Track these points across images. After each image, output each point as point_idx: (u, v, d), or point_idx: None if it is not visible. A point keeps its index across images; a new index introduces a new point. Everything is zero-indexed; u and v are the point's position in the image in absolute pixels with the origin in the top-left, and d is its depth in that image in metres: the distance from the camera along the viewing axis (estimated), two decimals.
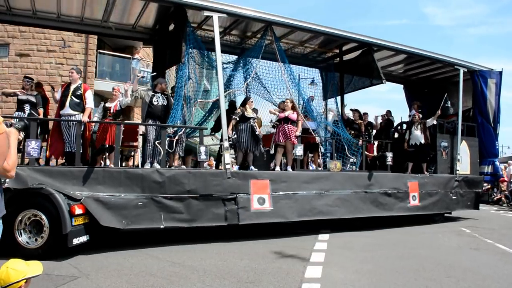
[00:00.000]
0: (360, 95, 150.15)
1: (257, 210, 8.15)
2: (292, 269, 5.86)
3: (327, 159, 10.38)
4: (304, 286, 5.03)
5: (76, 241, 6.45)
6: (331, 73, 12.77)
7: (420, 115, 11.88)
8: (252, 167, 9.19)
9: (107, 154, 8.92)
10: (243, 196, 8.10)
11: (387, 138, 12.54)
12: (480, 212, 15.61)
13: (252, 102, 9.77)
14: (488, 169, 12.69)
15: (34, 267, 2.99)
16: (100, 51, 18.53)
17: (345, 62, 12.00)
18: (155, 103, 8.56)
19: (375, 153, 12.74)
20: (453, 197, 11.51)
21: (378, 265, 6.27)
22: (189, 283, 5.13)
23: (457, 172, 11.72)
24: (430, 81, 14.05)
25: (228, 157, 8.22)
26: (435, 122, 11.75)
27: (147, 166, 8.09)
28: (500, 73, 12.55)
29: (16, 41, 17.31)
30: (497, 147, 12.88)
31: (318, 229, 9.52)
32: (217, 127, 10.63)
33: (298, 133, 9.69)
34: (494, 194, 19.94)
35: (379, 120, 13.29)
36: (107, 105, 8.85)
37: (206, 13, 8.55)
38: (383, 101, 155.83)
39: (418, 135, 11.46)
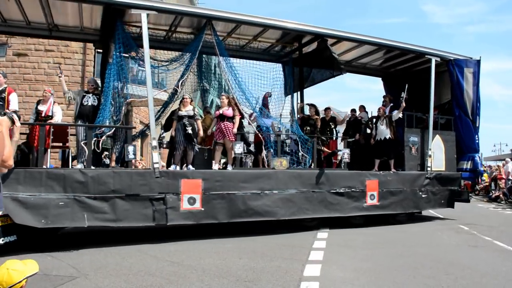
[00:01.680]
0: (363, 93, 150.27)
1: (187, 210, 7.93)
2: (291, 268, 5.86)
3: (272, 157, 9.73)
4: (303, 285, 5.03)
5: None
6: (290, 67, 12.22)
7: (386, 109, 11.26)
8: (190, 166, 8.95)
9: (106, 154, 8.89)
10: (172, 196, 7.88)
11: (356, 135, 11.98)
12: (479, 209, 15.70)
13: (187, 100, 9.23)
14: (467, 165, 11.88)
15: (31, 266, 3.03)
16: (98, 50, 18.46)
17: (305, 56, 11.46)
18: (85, 103, 8.49)
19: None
20: (423, 196, 10.87)
21: (377, 263, 6.28)
22: (188, 282, 5.13)
23: (428, 169, 11.00)
24: (411, 73, 13.07)
25: (156, 156, 7.96)
26: (400, 116, 10.95)
27: (79, 166, 7.98)
28: (478, 61, 11.81)
29: (13, 40, 17.25)
30: (477, 141, 11.92)
31: (317, 227, 9.53)
32: (166, 126, 10.39)
33: (235, 130, 9.25)
34: (492, 191, 20.01)
35: (349, 115, 12.64)
36: (39, 108, 8.59)
37: (134, 11, 8.39)
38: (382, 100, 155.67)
39: (383, 130, 10.84)
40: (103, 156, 14.27)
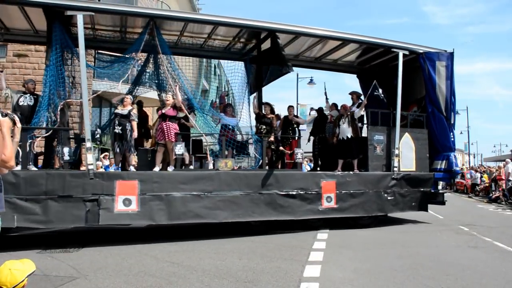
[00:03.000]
0: None
1: (121, 212, 7.74)
2: (291, 269, 5.86)
3: (216, 158, 9.43)
4: (303, 285, 5.04)
5: None
6: (249, 65, 11.69)
7: (354, 107, 10.80)
8: (131, 167, 8.90)
9: (106, 154, 8.90)
10: (107, 197, 7.71)
11: (322, 134, 11.58)
12: (479, 210, 15.71)
13: (127, 100, 9.14)
14: (441, 164, 11.06)
15: (29, 264, 3.08)
16: (99, 51, 18.46)
17: (263, 53, 11.00)
18: (21, 103, 8.41)
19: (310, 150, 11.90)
20: (389, 198, 10.14)
21: (377, 264, 6.29)
22: (188, 283, 5.14)
23: (395, 169, 10.27)
24: (387, 68, 12.09)
25: (90, 157, 7.84)
26: (362, 113, 10.53)
27: (18, 168, 7.76)
28: (451, 54, 11.04)
29: None
30: (452, 139, 11.14)
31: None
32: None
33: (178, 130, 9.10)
34: (493, 192, 20.01)
35: (313, 113, 12.12)
36: None
37: (70, 13, 8.21)
38: None
39: (345, 129, 10.39)
40: (102, 156, 14.27)
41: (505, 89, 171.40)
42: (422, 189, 10.68)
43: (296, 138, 11.05)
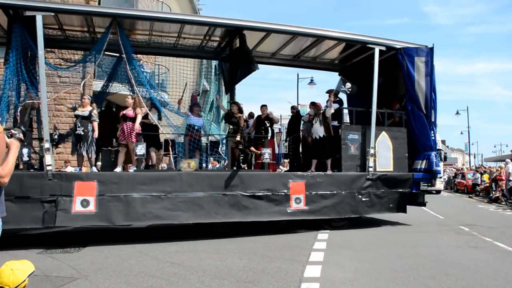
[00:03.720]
0: None
1: (78, 213, 7.61)
2: (291, 269, 5.87)
3: (179, 158, 9.25)
4: (303, 286, 5.04)
5: None
6: (225, 64, 11.52)
7: (322, 104, 10.52)
8: (94, 167, 8.81)
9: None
10: (65, 198, 7.60)
11: (297, 133, 11.31)
12: (479, 210, 15.70)
13: (85, 101, 9.07)
14: (422, 164, 10.60)
15: (29, 264, 3.10)
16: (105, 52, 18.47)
17: (234, 51, 10.72)
18: None
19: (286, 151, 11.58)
20: (364, 199, 9.75)
21: (377, 264, 6.29)
22: (188, 283, 5.14)
23: (370, 169, 9.88)
24: (369, 65, 11.35)
25: (49, 158, 7.74)
26: (332, 111, 10.18)
27: None
28: (431, 49, 10.55)
29: None
30: (432, 138, 10.66)
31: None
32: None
33: (138, 126, 8.98)
34: (493, 192, 20.00)
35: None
36: None
37: (29, 13, 8.07)
38: None
39: (317, 128, 10.15)
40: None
41: (506, 89, 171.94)
42: (400, 190, 10.28)
43: (269, 137, 10.60)
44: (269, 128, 10.67)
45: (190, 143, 9.35)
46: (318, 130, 10.15)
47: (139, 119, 9.04)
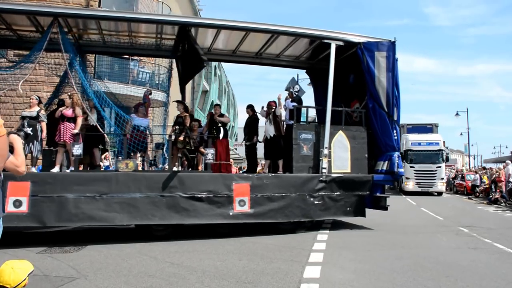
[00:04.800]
0: None
1: (10, 213, 7.33)
2: (291, 270, 5.87)
3: (117, 158, 8.96)
4: (303, 287, 5.04)
5: None
6: (179, 63, 11.31)
7: (287, 102, 10.22)
8: (33, 168, 8.72)
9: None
10: None
11: (253, 134, 10.81)
12: (479, 211, 15.71)
13: (33, 101, 8.94)
14: (383, 166, 10.00)
15: (28, 264, 3.12)
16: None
17: (186, 49, 10.47)
18: None
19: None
20: (316, 202, 9.21)
21: (377, 265, 6.29)
22: (188, 283, 5.14)
23: (324, 170, 9.36)
24: (339, 62, 10.82)
25: None
26: (283, 112, 9.91)
27: None
28: (392, 43, 10.00)
29: None
30: (395, 137, 10.03)
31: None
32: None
33: (76, 131, 8.75)
34: (492, 194, 20.02)
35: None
36: None
37: None
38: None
39: (268, 127, 9.84)
40: (103, 157, 14.26)
41: (506, 91, 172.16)
42: (358, 193, 9.72)
43: (221, 137, 10.26)
44: (221, 128, 10.29)
45: (133, 144, 9.23)
46: (269, 130, 9.91)
47: (80, 119, 8.87)
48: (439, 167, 24.38)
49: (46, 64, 17.38)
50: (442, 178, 24.89)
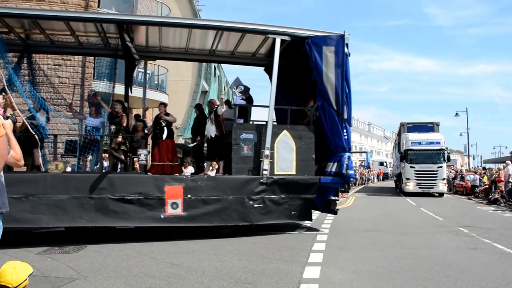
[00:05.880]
0: (358, 96, 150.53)
1: None
2: (290, 270, 5.87)
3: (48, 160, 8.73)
4: (302, 287, 5.04)
5: None
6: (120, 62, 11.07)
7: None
8: None
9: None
10: None
11: (198, 134, 10.60)
12: (478, 212, 15.71)
13: None
14: (333, 167, 9.43)
15: (27, 265, 3.13)
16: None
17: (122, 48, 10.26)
18: None
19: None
20: (256, 205, 8.71)
21: (377, 265, 6.29)
22: (187, 284, 5.14)
23: (265, 172, 8.84)
24: (296, 58, 10.54)
25: None
26: (223, 110, 9.65)
27: None
28: (342, 37, 9.40)
29: None
30: (345, 137, 9.41)
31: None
32: None
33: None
34: (492, 194, 20.02)
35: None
36: None
37: None
38: (385, 102, 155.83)
39: (209, 127, 9.63)
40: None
41: (506, 91, 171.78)
42: (303, 196, 9.15)
43: (164, 138, 9.74)
44: (166, 128, 9.76)
45: (83, 144, 9.16)
46: (211, 130, 9.66)
47: (7, 124, 8.78)
48: (440, 167, 23.56)
49: (46, 64, 17.41)
50: (444, 179, 24.17)
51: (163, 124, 9.70)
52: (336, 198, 9.92)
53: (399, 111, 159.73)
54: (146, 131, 9.98)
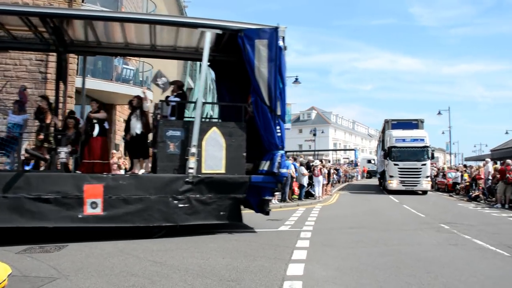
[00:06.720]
0: (343, 94, 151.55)
1: None
2: (274, 267, 5.88)
3: None
4: (286, 284, 5.05)
5: None
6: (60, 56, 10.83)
7: (171, 98, 9.71)
8: None
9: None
10: None
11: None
12: (459, 208, 15.98)
13: None
14: (265, 166, 9.10)
15: (6, 265, 3.05)
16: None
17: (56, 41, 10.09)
18: None
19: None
20: (181, 205, 8.38)
21: (360, 262, 6.35)
22: (171, 282, 5.10)
23: (191, 171, 8.46)
24: (239, 54, 9.97)
25: None
26: (148, 104, 9.47)
27: None
28: (275, 29, 9.01)
29: None
30: (278, 134, 9.02)
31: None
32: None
33: None
34: (473, 191, 20.39)
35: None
36: None
37: None
38: (369, 100, 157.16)
39: (134, 124, 9.43)
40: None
41: (487, 90, 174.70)
42: (233, 196, 8.78)
43: (95, 135, 9.39)
44: (97, 125, 9.44)
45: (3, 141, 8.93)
46: (136, 126, 9.40)
47: None
48: (424, 164, 23.45)
49: (28, 59, 17.10)
50: (427, 176, 23.98)
51: (94, 121, 9.39)
52: (271, 198, 9.72)
53: (383, 109, 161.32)
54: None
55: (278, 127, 9.01)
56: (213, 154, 8.83)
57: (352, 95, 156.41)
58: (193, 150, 8.50)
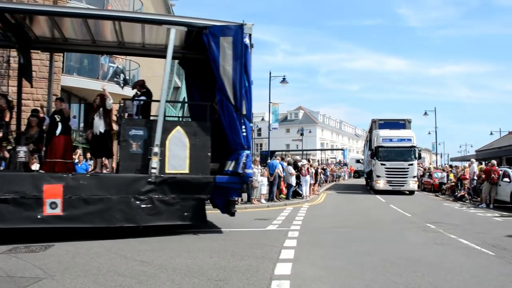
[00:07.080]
0: (330, 94, 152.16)
1: None
2: (262, 266, 5.88)
3: None
4: (274, 283, 5.06)
5: None
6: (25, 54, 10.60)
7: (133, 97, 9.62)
8: None
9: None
10: None
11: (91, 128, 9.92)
12: (445, 208, 16.19)
13: None
14: (230, 166, 8.92)
15: None
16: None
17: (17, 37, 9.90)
18: None
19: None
20: (144, 206, 8.22)
21: (347, 261, 6.39)
22: (158, 282, 5.07)
23: (153, 170, 8.31)
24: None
25: None
26: (111, 101, 9.32)
27: None
28: (240, 26, 8.83)
29: None
30: (243, 134, 8.90)
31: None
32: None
33: None
34: (458, 191, 20.66)
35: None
36: None
37: None
38: (356, 100, 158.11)
39: (97, 122, 9.23)
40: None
41: (473, 91, 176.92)
42: (197, 196, 8.62)
43: (58, 133, 9.28)
44: (60, 123, 9.31)
45: None
46: (99, 125, 9.22)
47: None
48: (411, 164, 23.43)
49: (12, 57, 16.82)
50: (414, 176, 23.98)
51: (57, 120, 9.27)
52: (236, 198, 9.57)
53: (370, 109, 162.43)
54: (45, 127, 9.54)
55: (243, 127, 8.90)
56: (177, 154, 8.67)
57: (340, 95, 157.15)
58: (156, 149, 8.36)
